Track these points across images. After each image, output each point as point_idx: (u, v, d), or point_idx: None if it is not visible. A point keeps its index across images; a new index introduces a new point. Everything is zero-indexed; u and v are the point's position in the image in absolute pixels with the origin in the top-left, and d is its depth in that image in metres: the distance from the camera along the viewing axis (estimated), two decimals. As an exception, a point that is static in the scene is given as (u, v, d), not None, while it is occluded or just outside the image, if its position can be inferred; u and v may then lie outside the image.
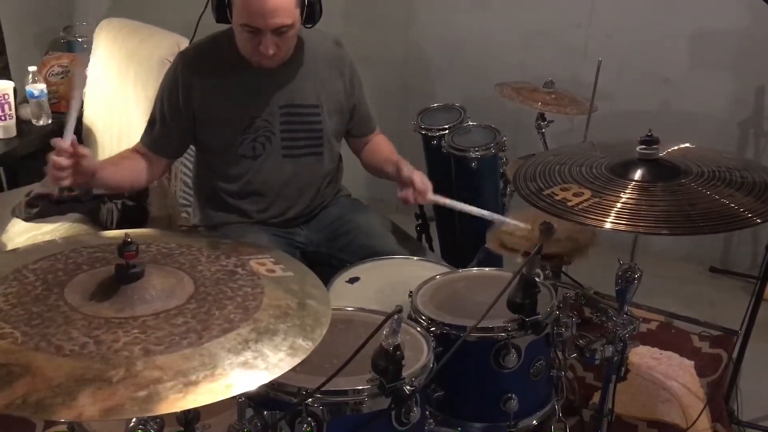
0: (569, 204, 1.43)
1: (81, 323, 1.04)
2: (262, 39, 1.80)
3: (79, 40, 3.24)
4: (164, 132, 1.98)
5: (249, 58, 1.89)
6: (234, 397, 1.02)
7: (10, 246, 2.34)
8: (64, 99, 2.98)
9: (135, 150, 2.01)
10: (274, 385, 1.21)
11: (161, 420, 1.13)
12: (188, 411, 1.16)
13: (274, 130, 1.99)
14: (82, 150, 1.65)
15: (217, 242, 1.39)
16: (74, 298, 1.10)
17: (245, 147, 1.99)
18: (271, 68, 1.91)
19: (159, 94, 2.00)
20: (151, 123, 2.00)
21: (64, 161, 1.61)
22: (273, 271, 1.29)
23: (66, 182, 1.66)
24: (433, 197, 1.91)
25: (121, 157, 2.01)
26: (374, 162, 2.15)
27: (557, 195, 1.47)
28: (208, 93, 1.95)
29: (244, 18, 1.79)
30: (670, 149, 1.61)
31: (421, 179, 1.89)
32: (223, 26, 1.93)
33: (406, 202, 1.90)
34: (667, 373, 2.39)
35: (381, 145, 2.19)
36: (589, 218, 1.38)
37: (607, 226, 1.36)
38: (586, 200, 1.43)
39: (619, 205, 1.39)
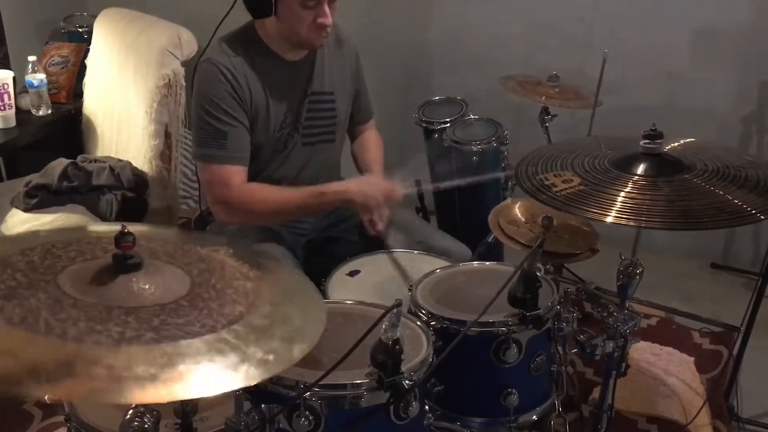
0: (554, 190, 1.41)
1: (74, 309, 1.01)
2: (319, 11, 1.79)
3: (80, 30, 3.23)
4: (242, 138, 1.88)
5: (302, 40, 1.85)
6: (231, 390, 1.00)
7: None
8: (63, 89, 2.97)
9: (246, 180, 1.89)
10: (271, 378, 1.20)
11: (158, 412, 1.11)
12: (185, 403, 1.15)
13: (301, 120, 1.98)
14: None
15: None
16: (68, 285, 1.07)
17: (280, 142, 1.97)
18: (299, 58, 1.92)
19: (214, 106, 1.83)
20: (220, 139, 1.84)
21: None
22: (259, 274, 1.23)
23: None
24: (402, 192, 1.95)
25: (271, 189, 1.93)
26: (359, 159, 2.16)
27: (548, 180, 1.46)
28: (256, 92, 1.89)
29: None
30: (675, 144, 1.59)
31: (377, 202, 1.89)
32: (233, 25, 1.91)
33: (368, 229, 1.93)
34: (668, 369, 2.38)
35: (369, 144, 2.17)
36: (585, 210, 1.36)
37: (609, 219, 1.34)
38: (571, 187, 1.41)
39: (619, 198, 1.37)
